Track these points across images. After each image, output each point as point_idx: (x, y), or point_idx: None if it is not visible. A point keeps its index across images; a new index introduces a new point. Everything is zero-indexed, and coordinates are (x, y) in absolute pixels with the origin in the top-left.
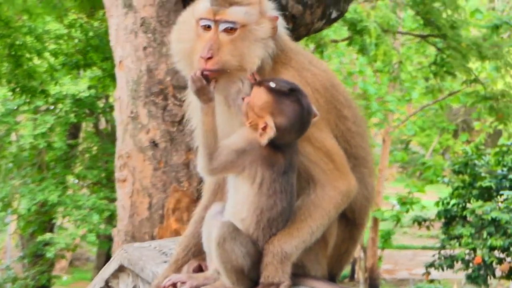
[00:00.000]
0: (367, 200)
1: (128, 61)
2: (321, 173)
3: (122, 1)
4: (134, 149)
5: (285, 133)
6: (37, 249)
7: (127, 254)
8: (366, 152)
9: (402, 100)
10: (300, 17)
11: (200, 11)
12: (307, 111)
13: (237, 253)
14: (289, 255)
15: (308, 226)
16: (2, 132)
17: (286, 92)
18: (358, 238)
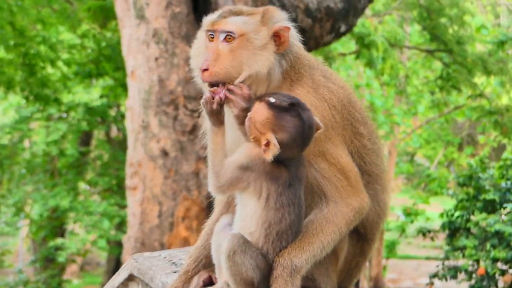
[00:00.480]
0: (379, 216)
1: (140, 71)
2: (334, 189)
3: (134, 12)
4: (145, 158)
5: (287, 148)
6: (48, 254)
7: (137, 263)
8: (380, 169)
9: (408, 113)
10: (309, 30)
11: (205, 23)
12: (309, 125)
13: (247, 265)
14: (298, 269)
15: (319, 240)
16: (15, 138)
17: (286, 107)
18: (369, 253)
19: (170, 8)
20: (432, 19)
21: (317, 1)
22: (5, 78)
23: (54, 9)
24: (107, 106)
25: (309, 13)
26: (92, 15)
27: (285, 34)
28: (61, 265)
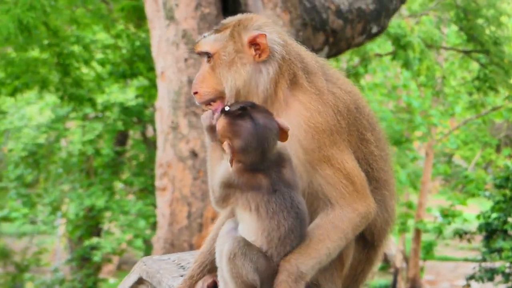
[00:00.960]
0: (387, 223)
1: (170, 72)
2: (339, 195)
3: (164, 13)
4: (174, 159)
5: (245, 153)
6: (84, 253)
7: (146, 266)
8: (388, 175)
9: (445, 114)
10: (340, 31)
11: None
12: (263, 127)
13: (247, 268)
14: (304, 275)
15: (326, 247)
16: (52, 138)
17: (238, 112)
18: (375, 260)
19: (200, 9)
20: (469, 19)
21: (348, 2)
22: (40, 77)
23: (88, 9)
24: (142, 106)
25: (340, 15)
26: (126, 15)
27: (263, 42)
28: (96, 264)
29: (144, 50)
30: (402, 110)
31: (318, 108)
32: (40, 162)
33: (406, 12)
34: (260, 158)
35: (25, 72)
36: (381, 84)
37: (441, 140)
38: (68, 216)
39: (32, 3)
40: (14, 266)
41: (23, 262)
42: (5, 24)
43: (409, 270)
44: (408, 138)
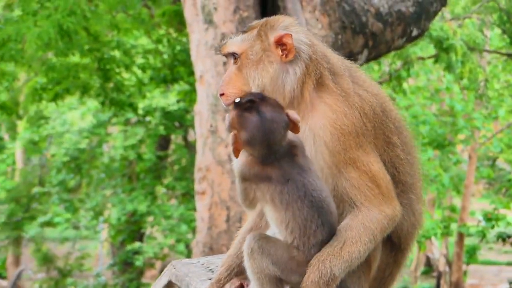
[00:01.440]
0: (414, 226)
1: (208, 76)
2: (364, 197)
3: (203, 17)
4: (213, 163)
5: (251, 146)
6: (126, 258)
7: (175, 270)
8: (414, 179)
9: (488, 117)
10: (380, 34)
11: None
12: (269, 120)
13: (266, 261)
14: (336, 278)
15: (357, 250)
16: (94, 143)
17: (246, 105)
18: (402, 263)
19: (238, 12)
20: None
21: (388, 5)
22: (81, 83)
23: (128, 14)
24: (184, 110)
25: (379, 17)
26: (167, 20)
27: (289, 41)
28: (139, 269)
29: (184, 54)
30: (445, 113)
31: (344, 110)
32: (82, 167)
33: (449, 15)
34: (267, 151)
35: (66, 77)
36: (424, 87)
37: (485, 144)
38: (111, 221)
39: (73, 8)
40: (57, 271)
41: (66, 267)
42: (45, 29)
43: (452, 274)
44: (451, 141)
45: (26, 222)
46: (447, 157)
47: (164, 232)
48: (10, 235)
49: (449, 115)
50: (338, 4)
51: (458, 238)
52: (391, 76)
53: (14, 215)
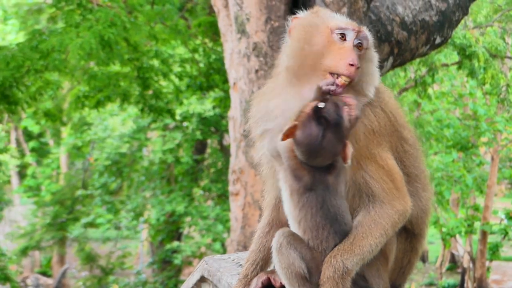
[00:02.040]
0: (423, 211)
1: (241, 83)
2: (381, 190)
3: (236, 27)
4: (246, 165)
5: (295, 146)
6: (165, 256)
7: (207, 265)
8: (418, 170)
9: (510, 121)
10: (405, 42)
11: (338, 21)
12: (322, 146)
13: (294, 256)
14: (350, 271)
15: (368, 244)
16: (134, 147)
17: (320, 118)
18: (419, 249)
19: (270, 22)
20: None
21: (412, 14)
22: (121, 90)
23: (166, 25)
24: (219, 116)
25: (404, 26)
26: (203, 30)
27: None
28: (177, 267)
29: (219, 63)
30: (468, 117)
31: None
32: (123, 171)
33: (471, 23)
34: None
35: (107, 85)
36: (448, 93)
37: (506, 146)
38: (150, 222)
39: (113, 20)
40: (100, 269)
41: (108, 266)
42: (87, 40)
43: (476, 270)
44: (474, 144)
45: (70, 223)
46: (471, 159)
47: (201, 232)
48: (55, 236)
49: (472, 119)
50: (364, 14)
51: (482, 236)
52: (417, 82)
53: (59, 217)
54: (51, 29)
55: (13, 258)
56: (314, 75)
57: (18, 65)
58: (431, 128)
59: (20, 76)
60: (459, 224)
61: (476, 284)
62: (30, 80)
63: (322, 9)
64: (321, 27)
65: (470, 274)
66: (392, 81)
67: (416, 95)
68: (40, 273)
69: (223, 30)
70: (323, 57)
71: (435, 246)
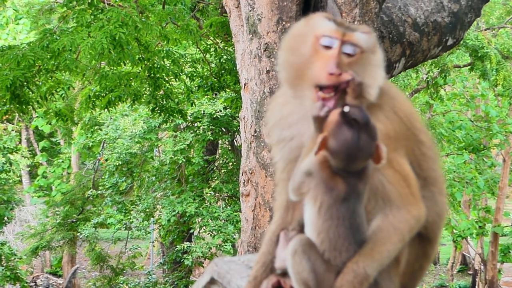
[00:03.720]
0: (439, 216)
1: (253, 84)
2: (397, 195)
3: (247, 27)
4: (257, 166)
5: (332, 156)
6: (176, 257)
7: (217, 267)
8: (436, 174)
9: None
10: (417, 44)
11: (324, 29)
12: (359, 148)
13: (304, 266)
14: (369, 277)
15: (387, 250)
16: (145, 148)
17: (350, 121)
18: (432, 255)
19: (281, 23)
20: None
21: (424, 15)
22: (132, 91)
23: (178, 26)
24: (230, 116)
25: (416, 27)
26: (214, 31)
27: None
28: (188, 268)
29: (231, 63)
30: (480, 118)
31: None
32: (134, 171)
33: (484, 25)
34: (344, 167)
35: (118, 85)
36: (460, 94)
37: None
38: (161, 222)
39: (124, 20)
40: (110, 270)
41: (119, 266)
42: (99, 40)
43: (487, 272)
44: (486, 145)
45: (81, 223)
46: (482, 161)
47: (212, 233)
48: (65, 236)
49: (484, 121)
50: (376, 15)
51: (493, 237)
52: (429, 83)
53: (69, 217)
54: (62, 28)
55: (23, 258)
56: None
57: (29, 65)
58: (443, 129)
59: (31, 75)
60: (470, 226)
61: (487, 286)
62: (41, 80)
63: (316, 17)
64: (308, 36)
65: (481, 276)
66: (404, 82)
67: (428, 96)
68: (50, 273)
69: (234, 30)
70: (309, 68)
71: (446, 248)
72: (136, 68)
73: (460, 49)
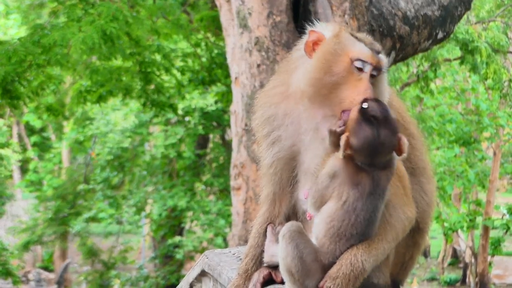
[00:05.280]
0: (428, 205)
1: (243, 78)
2: (394, 195)
3: (238, 21)
4: (247, 160)
5: (356, 152)
6: (167, 251)
7: (208, 259)
8: (424, 163)
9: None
10: (407, 37)
11: (359, 52)
12: (381, 143)
13: (289, 252)
14: (365, 272)
15: (383, 246)
16: (136, 142)
17: (369, 117)
18: (422, 244)
19: (271, 17)
20: None
21: (414, 9)
22: (123, 85)
23: (168, 20)
24: (221, 111)
25: (406, 21)
26: (205, 25)
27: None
28: (179, 262)
29: (221, 57)
30: (470, 112)
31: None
32: (125, 165)
33: (474, 18)
34: (369, 162)
35: (109, 80)
36: (450, 88)
37: (508, 141)
38: (152, 216)
39: (115, 14)
40: (102, 264)
41: (110, 260)
42: (89, 34)
43: (478, 265)
44: (476, 139)
45: (72, 218)
46: (473, 154)
47: (203, 227)
48: (57, 230)
49: (474, 114)
50: (367, 8)
51: (483, 230)
52: (419, 77)
53: (60, 211)
54: (53, 23)
55: (14, 253)
56: (328, 102)
57: (20, 60)
58: (433, 123)
59: (22, 70)
60: (461, 219)
61: (478, 279)
62: (32, 75)
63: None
64: (342, 56)
65: (472, 269)
66: (395, 76)
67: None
68: (42, 268)
69: (225, 24)
70: (339, 88)
71: (437, 241)
72: (127, 63)
73: (450, 42)
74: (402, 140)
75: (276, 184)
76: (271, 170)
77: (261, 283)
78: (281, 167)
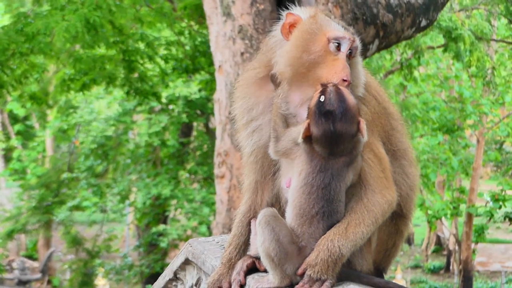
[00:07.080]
0: (411, 188)
1: (227, 66)
2: (373, 179)
3: (221, 9)
4: (231, 148)
5: (314, 141)
6: (151, 239)
7: (191, 248)
8: (405, 145)
9: (495, 103)
10: (390, 25)
11: (335, 31)
12: (337, 135)
13: (266, 236)
14: (343, 257)
15: (361, 231)
16: (120, 130)
17: (324, 111)
18: (405, 231)
19: (255, 5)
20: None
21: None
22: (106, 73)
23: (152, 8)
24: (205, 99)
25: (390, 9)
26: (188, 13)
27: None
28: (163, 250)
29: (205, 46)
30: (454, 99)
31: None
32: (109, 154)
33: (457, 6)
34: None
35: (93, 68)
36: (433, 75)
37: (492, 128)
38: (136, 205)
39: (98, 3)
40: (86, 253)
41: (94, 249)
42: (73, 23)
43: (462, 252)
44: (460, 126)
45: (56, 206)
46: (456, 142)
47: (187, 215)
48: (41, 219)
49: (458, 102)
50: None
51: (467, 218)
52: (403, 64)
53: (44, 200)
54: (36, 12)
55: None
56: (306, 82)
57: (3, 48)
58: (417, 110)
59: (5, 59)
60: (444, 207)
61: (461, 266)
62: (16, 63)
63: (319, 14)
64: (319, 35)
65: (456, 256)
66: (378, 63)
67: (402, 77)
68: (26, 257)
69: (208, 12)
70: (317, 67)
71: (421, 229)
72: (110, 51)
73: (433, 30)
74: (361, 125)
75: (258, 172)
76: (251, 158)
77: (244, 272)
78: (262, 155)
